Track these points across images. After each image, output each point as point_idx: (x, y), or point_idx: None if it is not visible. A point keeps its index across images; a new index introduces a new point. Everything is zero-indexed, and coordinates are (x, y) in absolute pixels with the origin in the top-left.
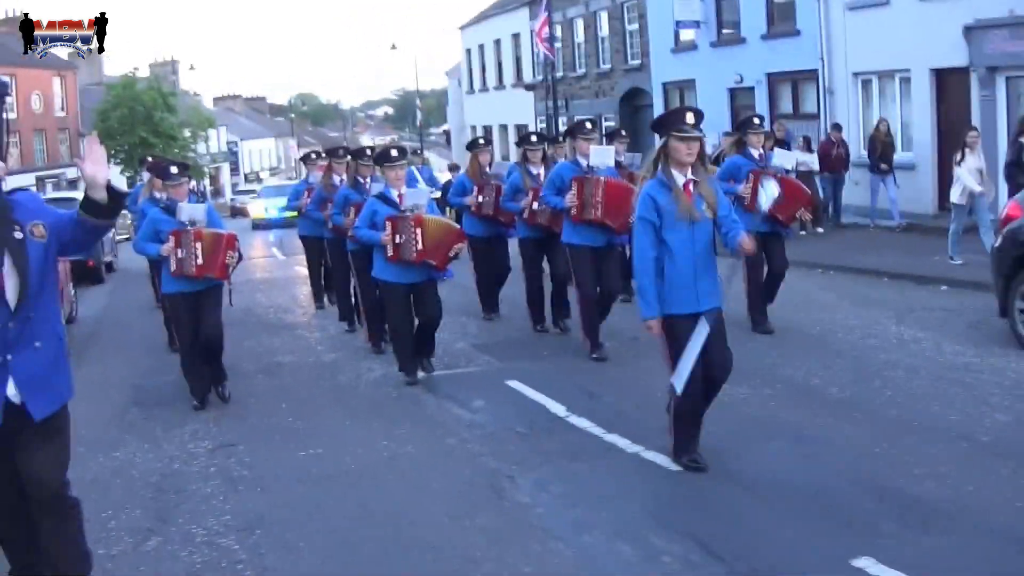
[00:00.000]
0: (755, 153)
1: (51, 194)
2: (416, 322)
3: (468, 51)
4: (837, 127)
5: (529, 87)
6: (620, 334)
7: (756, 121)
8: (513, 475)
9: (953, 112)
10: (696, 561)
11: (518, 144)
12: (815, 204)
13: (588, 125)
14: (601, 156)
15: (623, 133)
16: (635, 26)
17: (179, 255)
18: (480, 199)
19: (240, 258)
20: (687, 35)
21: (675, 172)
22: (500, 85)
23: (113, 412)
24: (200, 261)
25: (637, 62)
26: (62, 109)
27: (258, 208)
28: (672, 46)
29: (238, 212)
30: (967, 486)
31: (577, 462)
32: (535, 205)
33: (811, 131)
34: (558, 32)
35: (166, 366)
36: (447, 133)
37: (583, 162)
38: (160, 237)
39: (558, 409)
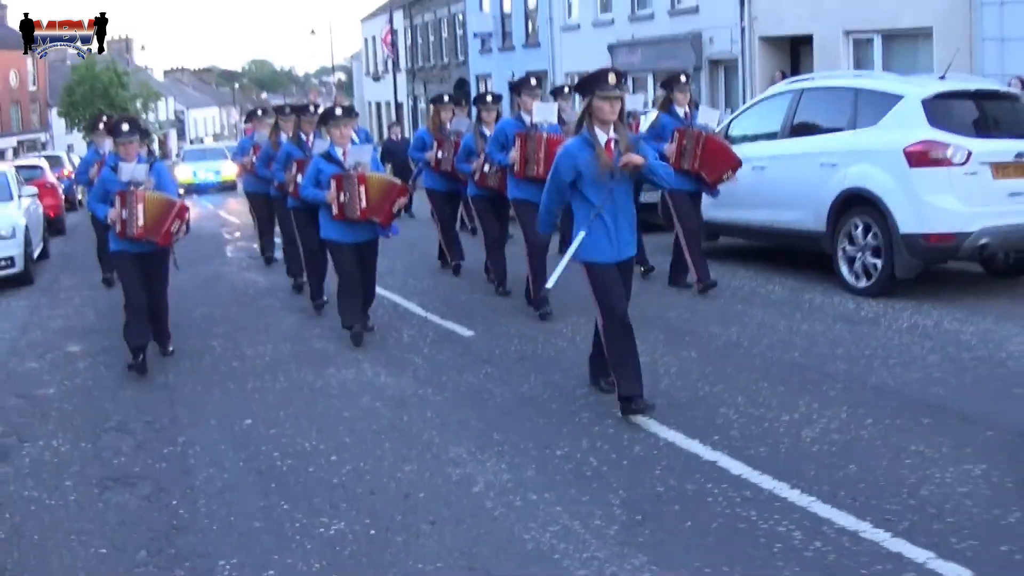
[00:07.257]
0: (680, 112)
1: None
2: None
3: (366, 40)
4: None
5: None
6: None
7: (682, 79)
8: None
9: None
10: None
11: (474, 103)
12: (739, 165)
13: (533, 81)
14: (544, 113)
15: (566, 90)
16: (461, 32)
17: (123, 216)
18: (439, 154)
19: (187, 230)
20: (487, 41)
21: (598, 130)
22: (386, 70)
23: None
24: (141, 223)
25: (463, 58)
26: (34, 84)
27: (185, 172)
28: (480, 48)
29: None
30: None
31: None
32: (486, 167)
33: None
34: (420, 32)
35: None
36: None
37: (527, 119)
38: (109, 198)
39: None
